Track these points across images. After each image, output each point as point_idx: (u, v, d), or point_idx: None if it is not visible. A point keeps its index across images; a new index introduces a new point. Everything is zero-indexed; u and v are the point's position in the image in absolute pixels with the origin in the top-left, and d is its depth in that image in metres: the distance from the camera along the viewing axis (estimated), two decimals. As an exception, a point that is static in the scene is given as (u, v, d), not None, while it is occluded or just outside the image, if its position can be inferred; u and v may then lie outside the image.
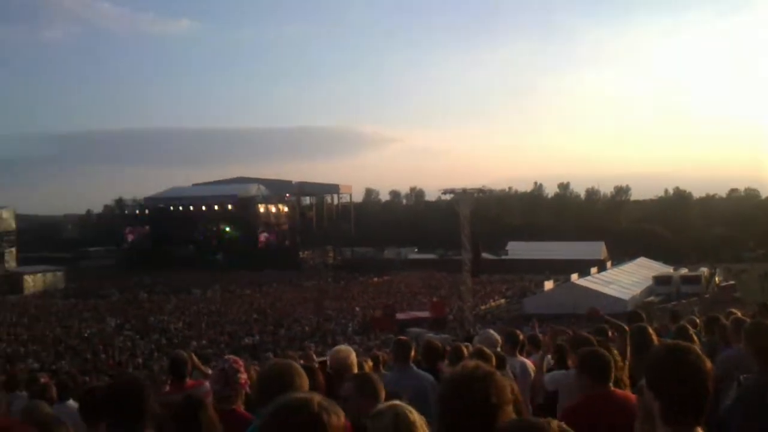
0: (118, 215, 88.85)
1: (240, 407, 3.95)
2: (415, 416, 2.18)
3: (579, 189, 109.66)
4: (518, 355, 6.38)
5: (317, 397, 1.83)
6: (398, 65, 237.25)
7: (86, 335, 33.26)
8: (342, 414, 1.85)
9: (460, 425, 2.05)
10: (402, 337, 6.01)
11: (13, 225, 62.69)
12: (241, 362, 4.11)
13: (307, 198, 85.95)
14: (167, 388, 5.57)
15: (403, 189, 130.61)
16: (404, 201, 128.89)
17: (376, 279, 61.33)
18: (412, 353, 5.57)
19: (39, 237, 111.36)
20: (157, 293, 53.18)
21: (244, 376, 3.98)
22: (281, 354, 17.98)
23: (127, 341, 31.33)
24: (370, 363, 6.93)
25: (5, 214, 61.31)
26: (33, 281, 57.71)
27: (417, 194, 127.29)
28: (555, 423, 1.79)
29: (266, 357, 18.86)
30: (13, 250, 61.29)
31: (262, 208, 77.27)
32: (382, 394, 3.18)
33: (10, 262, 59.62)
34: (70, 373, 20.95)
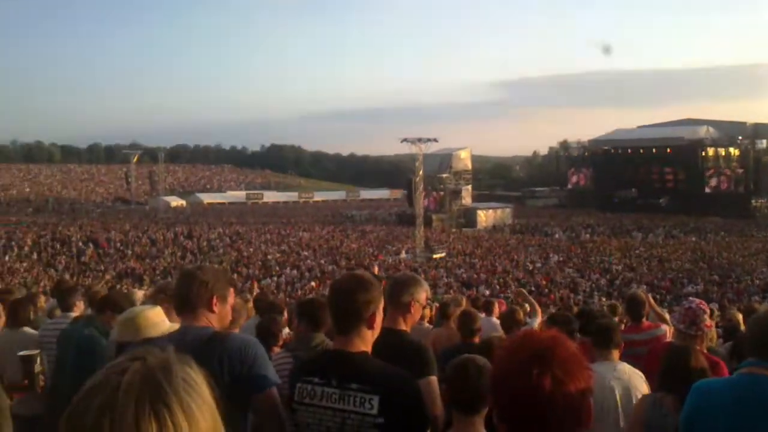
0: (562, 157, 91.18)
1: (703, 348, 3.97)
2: None
3: None
4: None
5: None
6: None
7: (531, 269, 35.53)
8: None
9: None
10: None
11: (469, 165, 67.97)
12: (706, 305, 4.13)
13: (764, 141, 77.79)
14: (622, 327, 5.60)
15: None
16: None
17: None
18: None
19: (491, 176, 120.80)
20: (599, 234, 53.92)
21: (709, 320, 4.00)
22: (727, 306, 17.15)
23: (567, 278, 32.70)
24: None
25: (463, 155, 66.95)
26: (485, 216, 62.51)
27: None
28: None
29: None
30: (469, 187, 66.77)
31: (710, 152, 72.21)
32: None
33: (466, 199, 65.28)
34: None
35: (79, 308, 5.96)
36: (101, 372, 1.06)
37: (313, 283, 31.70)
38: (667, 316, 7.13)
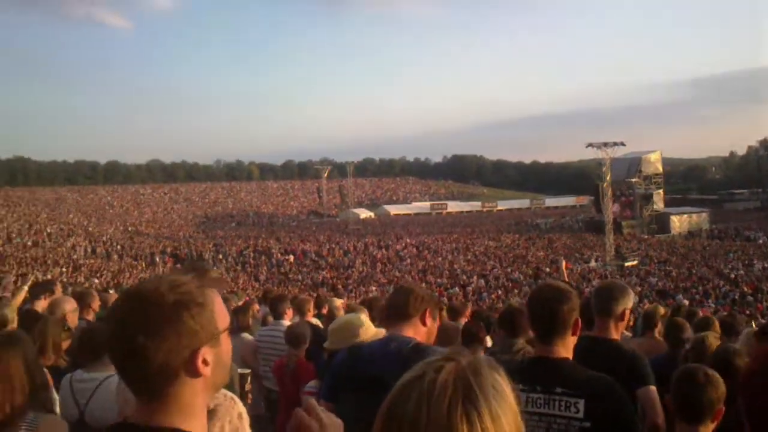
0: (762, 156, 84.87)
1: None
2: None
3: None
4: None
5: None
6: None
7: (732, 276, 33.62)
8: None
9: None
10: None
11: (660, 168, 64.84)
12: None
13: None
14: None
15: None
16: None
17: None
18: None
19: (684, 179, 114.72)
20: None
21: None
22: None
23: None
24: None
25: (653, 158, 64.00)
26: (679, 222, 59.63)
27: None
28: None
29: None
30: (661, 191, 63.80)
31: None
32: None
33: (658, 203, 62.38)
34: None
35: (289, 315, 6.75)
36: (419, 367, 1.16)
37: (499, 291, 32.06)
38: None
